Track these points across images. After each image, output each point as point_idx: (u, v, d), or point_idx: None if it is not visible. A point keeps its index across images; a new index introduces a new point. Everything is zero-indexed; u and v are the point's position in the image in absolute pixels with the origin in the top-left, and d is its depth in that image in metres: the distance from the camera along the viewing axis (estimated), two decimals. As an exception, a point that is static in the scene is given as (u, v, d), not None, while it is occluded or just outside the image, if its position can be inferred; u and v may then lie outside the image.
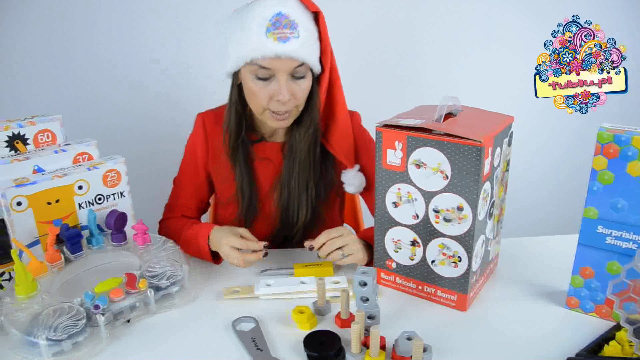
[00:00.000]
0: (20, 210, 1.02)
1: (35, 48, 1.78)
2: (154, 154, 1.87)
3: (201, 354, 0.92)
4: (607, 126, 0.90)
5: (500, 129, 0.96)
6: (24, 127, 1.10)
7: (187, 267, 1.07)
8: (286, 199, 1.26)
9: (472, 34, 2.01)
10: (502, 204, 1.09)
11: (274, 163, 1.28)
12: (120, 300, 0.97)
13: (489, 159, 0.92)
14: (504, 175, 1.06)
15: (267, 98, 1.12)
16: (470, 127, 0.94)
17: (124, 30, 1.82)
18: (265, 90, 1.12)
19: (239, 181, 1.25)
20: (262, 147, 1.28)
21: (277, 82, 1.11)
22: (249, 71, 1.11)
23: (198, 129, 1.30)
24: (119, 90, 1.89)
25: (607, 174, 0.90)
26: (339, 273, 1.16)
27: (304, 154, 1.22)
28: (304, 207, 1.25)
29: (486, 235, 1.02)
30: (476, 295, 1.06)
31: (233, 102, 1.21)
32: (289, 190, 1.25)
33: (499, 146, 0.97)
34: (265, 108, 1.15)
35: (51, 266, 1.03)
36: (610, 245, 0.94)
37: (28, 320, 0.90)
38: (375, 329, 0.86)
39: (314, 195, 1.26)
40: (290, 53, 1.07)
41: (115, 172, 1.14)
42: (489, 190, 0.97)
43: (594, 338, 0.92)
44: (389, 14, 1.95)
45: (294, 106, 1.15)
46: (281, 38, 1.06)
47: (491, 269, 1.13)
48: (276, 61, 1.08)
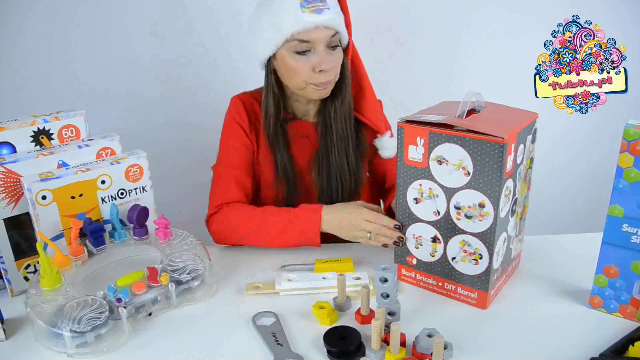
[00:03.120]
0: (45, 204, 1.04)
1: (59, 44, 1.80)
2: (176, 149, 1.88)
3: (221, 348, 0.93)
4: (634, 123, 0.88)
5: (524, 126, 0.95)
6: (49, 122, 1.12)
7: (208, 261, 1.08)
8: (326, 174, 1.30)
9: (472, 34, 2.01)
10: (525, 201, 1.08)
11: (311, 140, 1.32)
12: (142, 293, 0.98)
13: (511, 155, 0.91)
14: (527, 173, 1.05)
15: (309, 71, 1.17)
16: (493, 123, 0.93)
17: (148, 24, 1.83)
18: (306, 65, 1.16)
19: (280, 164, 1.28)
20: (296, 126, 1.32)
21: (316, 54, 1.16)
22: (288, 49, 1.16)
23: (239, 109, 1.30)
24: (142, 86, 1.90)
25: (634, 172, 0.89)
26: (360, 269, 1.16)
27: (341, 125, 1.27)
28: (347, 175, 1.30)
29: (508, 233, 1.01)
30: (497, 293, 1.05)
31: (270, 87, 1.24)
32: (328, 164, 1.29)
33: (522, 143, 0.96)
34: (308, 82, 1.18)
35: (75, 259, 1.05)
36: (635, 244, 0.92)
37: (53, 312, 0.92)
38: (396, 325, 0.86)
39: (354, 163, 1.31)
40: (327, 22, 1.13)
41: (138, 167, 1.15)
42: (511, 188, 0.95)
43: (618, 338, 0.90)
44: (387, 16, 1.96)
45: (333, 76, 1.20)
46: (316, 10, 1.12)
47: (513, 267, 1.12)
48: (315, 32, 1.13)
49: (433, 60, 2.03)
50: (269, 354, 0.90)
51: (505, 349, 0.91)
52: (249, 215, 1.22)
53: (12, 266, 1.08)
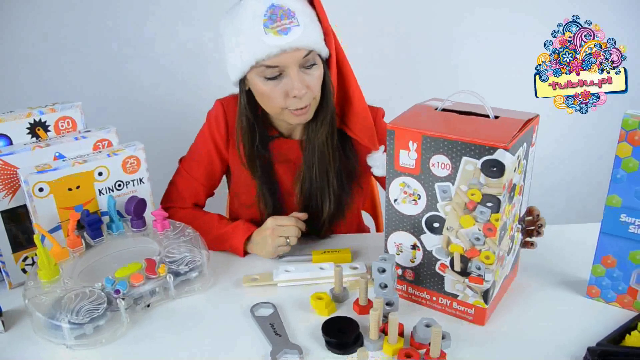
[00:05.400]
0: (42, 196, 1.04)
1: (55, 36, 1.79)
2: (173, 140, 1.87)
3: (220, 338, 0.93)
4: (632, 112, 0.88)
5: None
6: (45, 114, 1.11)
7: (206, 253, 1.08)
8: (307, 193, 1.22)
9: (472, 34, 2.01)
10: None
11: (294, 161, 1.24)
12: (140, 285, 0.98)
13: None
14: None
15: (282, 97, 1.08)
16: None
17: (144, 16, 1.82)
18: (277, 89, 1.07)
19: (259, 190, 1.22)
20: (281, 144, 1.25)
21: (288, 78, 1.06)
22: (256, 74, 1.07)
23: (218, 114, 1.26)
24: (139, 78, 1.90)
25: (632, 162, 0.89)
26: (358, 260, 1.16)
27: (322, 143, 1.17)
28: (327, 198, 1.21)
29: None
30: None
31: (243, 110, 1.16)
32: (310, 184, 1.21)
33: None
34: (282, 107, 1.10)
35: (72, 251, 1.05)
36: (633, 234, 0.93)
37: (51, 304, 0.91)
38: (394, 315, 0.86)
39: (336, 185, 1.21)
40: (295, 44, 1.02)
41: (135, 158, 1.14)
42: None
43: (615, 328, 0.91)
44: (386, 16, 1.96)
45: (311, 99, 1.10)
46: (281, 30, 1.01)
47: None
48: (282, 56, 1.03)
49: (433, 60, 2.03)
50: (268, 345, 0.90)
51: (502, 339, 0.91)
52: (193, 222, 1.20)
53: (10, 259, 1.08)
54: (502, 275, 0.97)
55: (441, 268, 0.96)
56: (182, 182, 1.30)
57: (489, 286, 0.91)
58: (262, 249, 1.16)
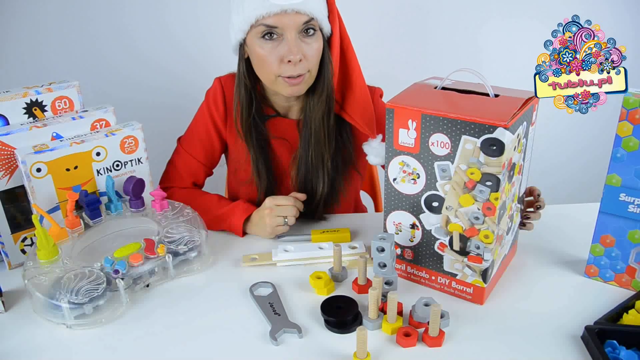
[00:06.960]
0: (40, 177, 1.03)
1: (53, 15, 1.77)
2: (171, 120, 1.87)
3: (219, 318, 0.94)
4: (633, 91, 0.87)
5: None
6: (42, 94, 1.10)
7: (204, 233, 1.08)
8: (303, 175, 1.22)
9: (472, 34, 2.00)
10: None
11: (290, 141, 1.25)
12: (139, 265, 0.98)
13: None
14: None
15: (278, 61, 1.07)
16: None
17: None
18: (274, 52, 1.07)
19: (254, 163, 1.22)
20: (277, 123, 1.25)
21: (286, 42, 1.06)
22: (255, 35, 1.07)
23: (216, 92, 1.26)
24: (136, 57, 1.88)
25: (632, 141, 0.88)
26: (357, 239, 1.16)
27: (318, 124, 1.17)
28: (321, 181, 1.21)
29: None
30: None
31: (241, 77, 1.16)
32: (305, 165, 1.21)
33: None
34: (277, 75, 1.09)
35: (71, 232, 1.05)
36: (632, 213, 0.93)
37: (50, 284, 0.92)
38: (393, 294, 0.86)
39: (330, 168, 1.21)
40: (297, 6, 1.02)
41: (133, 138, 1.14)
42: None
43: (613, 307, 0.91)
44: (388, 16, 1.95)
45: (306, 69, 1.09)
46: None
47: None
48: (283, 17, 1.03)
49: (433, 60, 2.02)
50: (267, 324, 0.90)
51: (501, 318, 0.92)
52: (192, 202, 1.20)
53: (9, 239, 1.08)
54: (501, 255, 0.98)
55: (440, 247, 0.96)
56: (181, 162, 1.30)
57: (487, 265, 0.92)
58: (261, 229, 1.16)
